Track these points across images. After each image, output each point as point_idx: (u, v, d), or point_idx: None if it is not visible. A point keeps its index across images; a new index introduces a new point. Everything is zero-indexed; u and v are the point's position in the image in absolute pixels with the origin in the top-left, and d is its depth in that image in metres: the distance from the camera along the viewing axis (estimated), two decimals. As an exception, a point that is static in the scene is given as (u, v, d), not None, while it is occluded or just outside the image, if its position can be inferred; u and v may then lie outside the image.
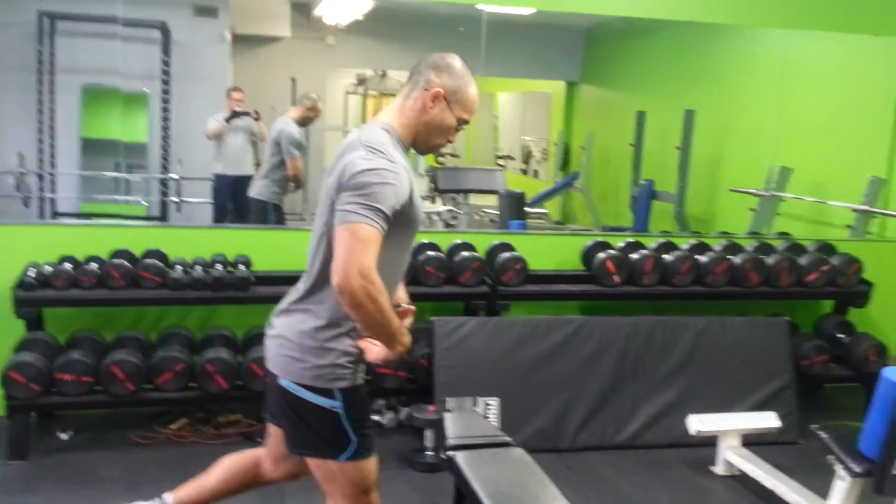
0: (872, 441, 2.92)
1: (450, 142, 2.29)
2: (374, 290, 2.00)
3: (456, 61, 2.21)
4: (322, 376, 2.14)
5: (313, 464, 2.25)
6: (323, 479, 2.26)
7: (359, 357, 2.20)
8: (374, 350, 2.18)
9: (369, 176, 2.02)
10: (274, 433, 2.44)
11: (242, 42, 9.37)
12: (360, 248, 1.98)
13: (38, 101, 7.65)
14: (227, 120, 6.94)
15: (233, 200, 7.19)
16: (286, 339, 2.19)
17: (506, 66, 9.83)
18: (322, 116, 8.89)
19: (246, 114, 6.98)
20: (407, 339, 2.18)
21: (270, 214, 5.94)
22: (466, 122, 2.24)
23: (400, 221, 2.09)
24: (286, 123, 5.95)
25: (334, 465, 2.20)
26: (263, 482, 2.57)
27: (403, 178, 2.08)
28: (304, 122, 6.07)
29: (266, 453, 2.52)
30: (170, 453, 3.83)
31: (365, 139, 2.12)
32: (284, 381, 2.18)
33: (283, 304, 2.28)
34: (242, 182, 7.15)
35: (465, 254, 4.37)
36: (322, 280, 2.14)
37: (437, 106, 2.18)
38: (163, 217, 7.80)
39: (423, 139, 2.22)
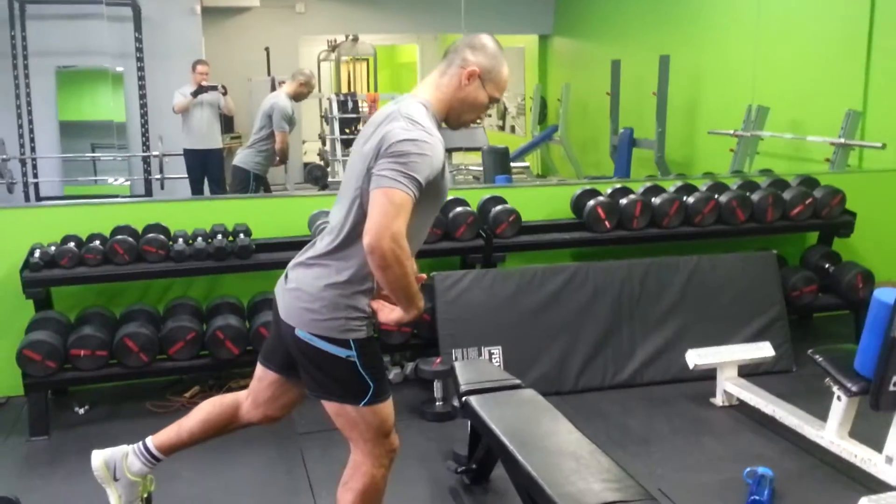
0: (867, 360, 3.05)
1: (480, 118, 2.38)
2: (402, 254, 2.09)
3: (490, 42, 2.33)
4: (337, 328, 2.24)
5: (334, 411, 2.34)
6: (345, 425, 2.35)
7: (371, 314, 2.29)
8: (388, 311, 2.29)
9: (408, 146, 2.11)
10: (262, 377, 2.54)
11: (212, 14, 9.33)
12: (393, 212, 2.07)
13: (14, 86, 7.61)
14: (194, 94, 6.92)
15: (204, 173, 7.21)
16: (304, 291, 2.27)
17: (479, 23, 9.83)
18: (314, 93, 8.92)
19: (213, 87, 6.96)
20: (422, 303, 2.29)
21: (251, 184, 5.95)
22: (497, 100, 2.37)
23: (429, 192, 2.19)
24: (279, 97, 5.97)
25: (354, 410, 2.30)
26: (241, 425, 2.65)
27: (439, 150, 2.18)
28: (297, 98, 6.10)
29: (247, 395, 2.61)
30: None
31: (405, 111, 2.21)
32: (301, 332, 2.26)
33: (301, 257, 2.36)
34: (211, 155, 7.18)
35: (459, 209, 4.44)
36: (350, 240, 2.23)
37: (472, 83, 2.29)
38: (148, 195, 7.82)
39: (455, 114, 2.34)
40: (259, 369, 2.56)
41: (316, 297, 2.25)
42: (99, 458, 2.70)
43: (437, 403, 3.94)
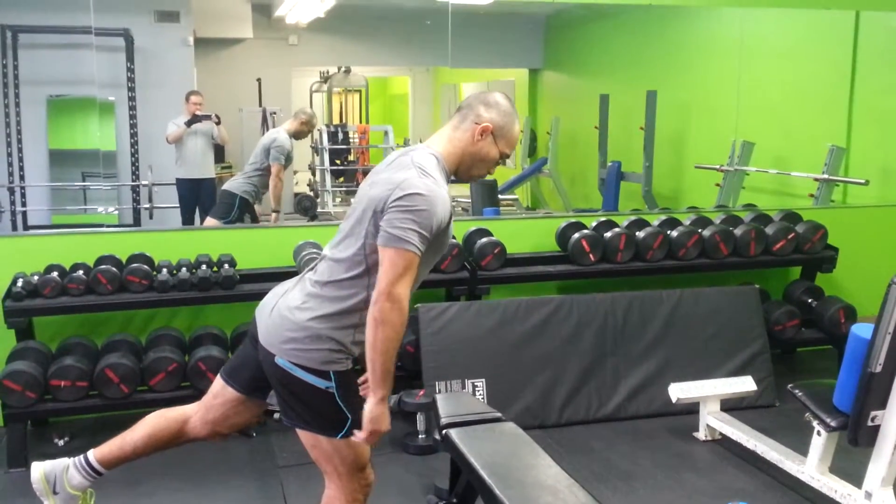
0: (845, 395, 3.07)
1: (489, 173, 2.47)
2: (397, 319, 2.16)
3: (504, 100, 2.39)
4: (318, 359, 2.25)
5: (309, 443, 2.34)
6: (320, 457, 2.35)
7: (350, 351, 2.30)
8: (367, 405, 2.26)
9: (419, 200, 2.16)
10: (220, 394, 2.53)
11: (205, 45, 9.37)
12: (400, 272, 2.15)
13: (4, 114, 7.62)
14: (188, 124, 6.97)
15: (196, 202, 7.23)
16: (288, 320, 2.28)
17: (470, 57, 9.94)
18: (279, 110, 8.96)
19: (206, 117, 7.01)
20: (390, 390, 2.26)
21: (236, 208, 5.93)
22: (508, 156, 2.43)
23: (433, 243, 2.24)
24: (280, 134, 6.03)
25: (329, 443, 2.30)
26: (187, 440, 2.64)
27: (447, 203, 2.24)
28: (297, 136, 6.16)
29: (197, 409, 2.59)
30: (166, 453, 3.76)
31: (417, 161, 2.26)
32: (280, 360, 2.27)
33: (290, 287, 2.38)
34: (203, 184, 7.21)
35: (444, 241, 4.45)
36: (344, 276, 2.27)
37: (484, 139, 2.35)
38: (136, 224, 7.81)
39: (465, 168, 2.39)
40: (218, 385, 2.55)
41: (300, 326, 2.26)
42: (38, 470, 2.66)
43: (420, 436, 3.93)
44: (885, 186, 5.52)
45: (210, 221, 5.91)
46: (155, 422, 2.63)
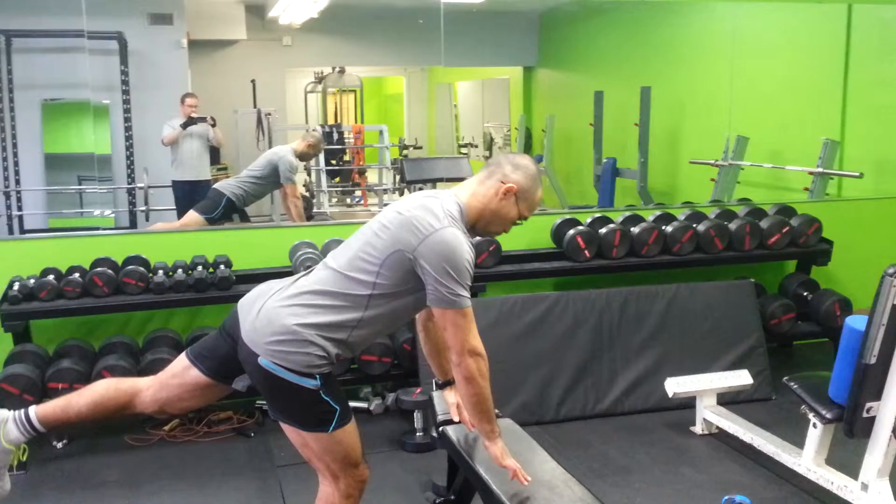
0: (841, 387, 3.08)
1: (505, 231, 2.52)
2: (484, 367, 2.33)
3: (531, 164, 2.46)
4: (303, 362, 2.25)
5: (300, 441, 2.35)
6: (311, 455, 2.36)
7: (332, 361, 2.31)
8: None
9: (460, 255, 2.24)
10: (182, 374, 2.49)
11: (199, 47, 9.37)
12: (469, 328, 2.29)
13: (-1, 119, 7.62)
14: (183, 126, 6.98)
15: (192, 204, 7.23)
16: (276, 322, 2.27)
17: (464, 56, 9.95)
18: (274, 112, 8.96)
19: (202, 119, 7.01)
20: (498, 428, 2.47)
21: (221, 207, 5.90)
22: (526, 218, 2.49)
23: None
24: (287, 152, 6.01)
25: (317, 440, 2.31)
26: (132, 412, 2.59)
27: (474, 252, 2.32)
28: (303, 157, 6.18)
29: (150, 386, 2.54)
30: (165, 453, 3.91)
31: (447, 209, 2.32)
32: (264, 361, 2.26)
33: (280, 287, 2.38)
34: (199, 186, 7.20)
35: (440, 239, 4.46)
36: (347, 292, 2.29)
37: (507, 199, 2.41)
38: (132, 227, 7.81)
39: (484, 223, 2.45)
40: (182, 365, 2.51)
41: (288, 330, 2.26)
42: None
43: (418, 434, 3.93)
44: (880, 179, 5.54)
45: (192, 214, 5.84)
46: (104, 391, 2.56)
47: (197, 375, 2.48)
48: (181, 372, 2.51)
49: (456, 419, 2.65)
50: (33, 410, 2.56)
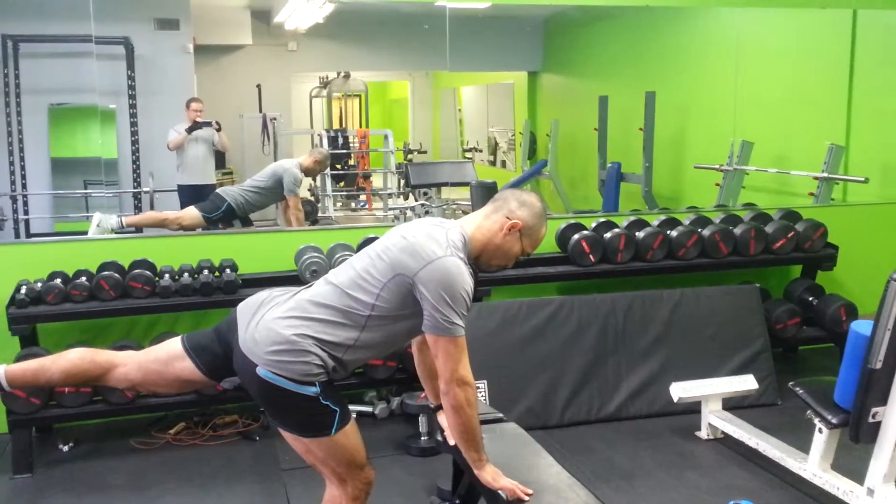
0: (846, 392, 3.08)
1: (507, 267, 2.55)
2: (472, 396, 2.33)
3: (538, 202, 2.50)
4: (301, 371, 2.25)
5: (301, 449, 2.36)
6: (315, 461, 2.37)
7: (328, 372, 2.31)
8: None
9: (458, 284, 2.26)
10: (172, 361, 2.46)
11: (205, 52, 9.41)
12: (460, 358, 2.29)
13: (6, 123, 7.65)
14: (188, 131, 7.01)
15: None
16: (276, 332, 2.28)
17: (469, 61, 9.96)
18: (279, 116, 9.00)
19: (207, 124, 7.04)
20: (486, 457, 2.47)
21: (221, 210, 5.91)
22: (528, 255, 2.53)
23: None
24: (293, 166, 6.06)
25: (319, 446, 2.31)
26: (103, 384, 2.59)
27: (472, 283, 2.32)
28: (308, 173, 6.25)
29: (125, 364, 2.52)
30: (171, 457, 3.92)
31: (451, 238, 2.33)
32: (262, 371, 2.26)
33: (279, 299, 2.39)
34: (205, 190, 7.22)
35: (445, 244, 4.47)
36: (348, 310, 2.31)
37: (511, 235, 2.44)
38: (138, 231, 7.83)
39: (487, 257, 2.47)
40: (171, 353, 2.48)
41: (287, 340, 2.26)
42: None
43: (423, 438, 3.94)
44: (885, 184, 5.53)
45: (192, 209, 5.87)
46: (79, 361, 2.52)
47: (189, 368, 2.45)
48: (167, 359, 2.48)
49: (451, 443, 2.62)
50: (2, 368, 2.52)
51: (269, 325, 2.30)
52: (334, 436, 2.30)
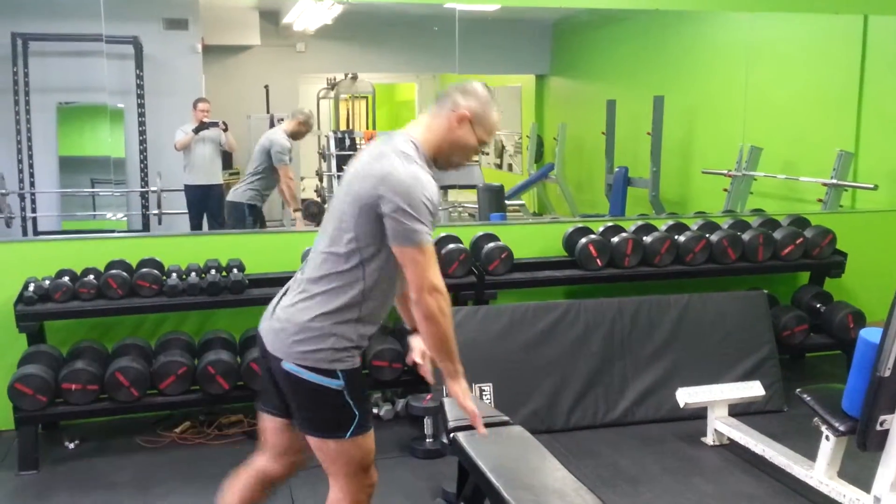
0: (854, 400, 3.07)
1: (468, 160, 2.48)
2: (444, 304, 2.26)
3: (481, 88, 2.41)
4: (324, 358, 2.25)
5: (316, 444, 2.35)
6: (326, 458, 2.36)
7: (357, 344, 2.31)
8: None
9: (416, 190, 2.19)
10: (268, 425, 2.49)
11: (213, 52, 9.42)
12: (427, 265, 2.22)
13: (15, 121, 7.67)
14: (195, 131, 7.01)
15: (205, 208, 7.28)
16: (291, 322, 2.29)
17: (477, 63, 9.92)
18: (313, 130, 9.00)
19: (214, 124, 7.05)
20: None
21: (247, 215, 5.97)
22: (486, 143, 2.45)
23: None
24: (277, 134, 6.05)
25: (336, 444, 2.31)
26: (277, 485, 2.58)
27: (435, 186, 2.26)
28: (295, 136, 6.19)
29: (266, 454, 2.53)
30: (176, 455, 3.92)
31: (399, 148, 2.27)
32: (287, 364, 2.27)
33: (286, 292, 2.40)
34: (211, 191, 7.26)
35: (451, 246, 4.47)
36: (341, 269, 2.27)
37: (462, 127, 2.36)
38: (145, 230, 7.84)
39: (444, 156, 2.40)
40: (262, 417, 2.51)
41: (303, 327, 2.27)
42: None
43: (428, 440, 3.93)
44: (894, 191, 5.52)
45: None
46: (240, 494, 2.54)
47: (273, 423, 2.47)
48: (268, 422, 2.50)
49: (419, 361, 2.59)
50: None
51: (281, 316, 2.32)
52: (347, 440, 2.30)
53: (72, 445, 3.98)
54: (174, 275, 4.10)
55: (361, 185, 2.24)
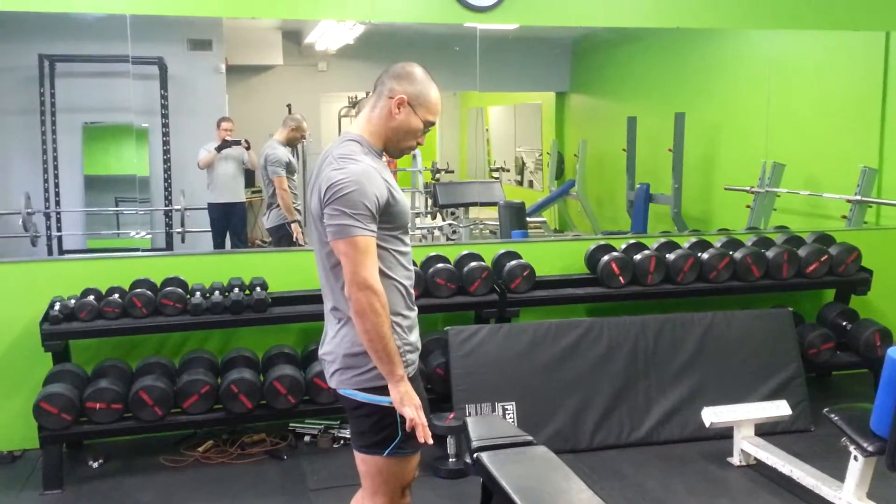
0: (883, 420, 3.02)
1: (419, 144, 2.44)
2: (376, 301, 2.18)
3: (415, 69, 2.36)
4: (370, 377, 2.27)
5: (360, 458, 2.36)
6: (367, 472, 2.37)
7: (403, 351, 2.29)
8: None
9: (345, 185, 2.17)
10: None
11: (237, 72, 9.50)
12: (360, 260, 2.17)
13: (41, 141, 7.76)
14: (218, 149, 7.08)
15: (228, 226, 7.33)
16: (335, 354, 2.34)
17: (497, 81, 9.97)
18: (308, 136, 9.03)
19: (236, 142, 7.11)
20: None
21: (287, 232, 5.97)
22: (433, 123, 2.38)
23: (386, 217, 2.25)
24: (271, 147, 6.09)
25: (376, 460, 2.32)
26: None
27: (375, 177, 2.23)
28: (290, 143, 6.21)
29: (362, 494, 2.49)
30: (199, 475, 3.93)
31: (336, 153, 2.27)
32: (344, 390, 2.33)
33: (327, 326, 2.42)
34: (234, 208, 7.31)
35: (474, 264, 4.47)
36: (340, 288, 2.28)
37: (402, 111, 2.32)
38: (168, 248, 7.90)
39: (393, 143, 2.37)
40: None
41: (344, 355, 2.30)
42: None
43: (451, 460, 3.92)
44: (920, 207, 5.46)
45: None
46: None
47: None
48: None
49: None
50: None
51: (326, 349, 2.38)
52: (385, 458, 2.31)
53: (95, 464, 4.00)
54: (198, 293, 4.12)
55: (314, 202, 2.27)
